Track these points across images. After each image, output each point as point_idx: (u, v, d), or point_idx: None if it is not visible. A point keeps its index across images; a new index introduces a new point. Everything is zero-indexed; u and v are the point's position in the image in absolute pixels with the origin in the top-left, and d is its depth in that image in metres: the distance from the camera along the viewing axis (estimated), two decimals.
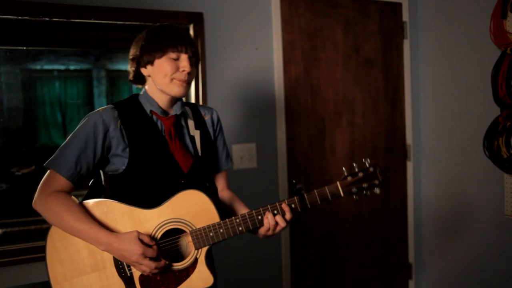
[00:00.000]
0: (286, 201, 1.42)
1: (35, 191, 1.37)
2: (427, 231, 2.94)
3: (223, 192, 1.61)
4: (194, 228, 1.35)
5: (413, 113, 2.92)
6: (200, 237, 1.35)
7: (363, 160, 1.44)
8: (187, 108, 1.54)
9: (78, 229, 1.28)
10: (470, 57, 2.52)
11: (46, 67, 2.56)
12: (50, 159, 1.36)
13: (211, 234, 1.35)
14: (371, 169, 1.43)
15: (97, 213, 1.33)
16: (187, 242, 1.37)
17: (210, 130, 1.55)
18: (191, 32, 2.37)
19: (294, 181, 1.45)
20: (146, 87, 1.45)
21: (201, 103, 2.38)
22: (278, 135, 2.58)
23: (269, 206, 1.39)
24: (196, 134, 1.49)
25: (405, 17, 2.86)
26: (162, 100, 1.43)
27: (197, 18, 2.36)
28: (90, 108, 2.77)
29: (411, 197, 2.94)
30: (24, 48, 2.37)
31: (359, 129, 2.79)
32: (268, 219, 1.38)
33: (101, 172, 1.45)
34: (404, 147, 2.93)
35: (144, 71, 1.42)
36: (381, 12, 2.81)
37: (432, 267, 2.92)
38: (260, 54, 2.53)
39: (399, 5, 2.85)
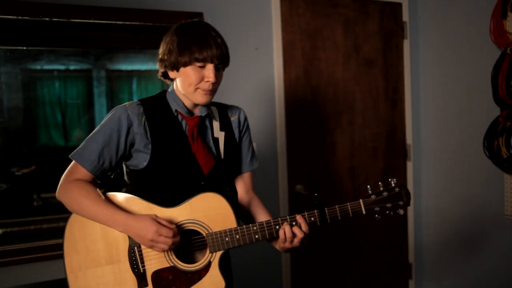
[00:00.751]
0: (306, 213, 1.40)
1: (35, 191, 1.37)
2: (427, 231, 2.94)
3: (246, 194, 1.58)
4: (211, 232, 1.34)
5: (413, 113, 2.92)
6: (215, 241, 1.34)
7: (389, 179, 1.44)
8: (214, 108, 1.52)
9: (96, 212, 1.30)
10: (470, 57, 2.52)
11: (46, 67, 2.56)
12: (75, 150, 1.37)
13: (226, 239, 1.34)
14: (397, 190, 1.42)
15: (117, 204, 1.34)
16: (202, 244, 1.36)
17: (236, 131, 1.53)
18: None
19: (316, 194, 1.43)
20: (174, 85, 1.44)
21: None
22: (278, 135, 2.58)
23: (288, 217, 1.38)
24: (221, 135, 1.48)
25: (405, 17, 2.86)
26: (187, 101, 1.42)
27: (197, 18, 2.35)
28: (90, 108, 2.77)
29: (410, 195, 2.93)
30: (24, 48, 2.37)
31: (359, 129, 2.79)
32: (285, 230, 1.36)
33: (123, 166, 1.45)
34: (404, 147, 2.93)
35: (171, 73, 1.41)
36: (381, 12, 2.81)
37: (432, 267, 2.92)
38: (260, 54, 2.53)
39: (399, 5, 2.85)
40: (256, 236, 1.36)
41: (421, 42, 2.88)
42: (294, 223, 1.38)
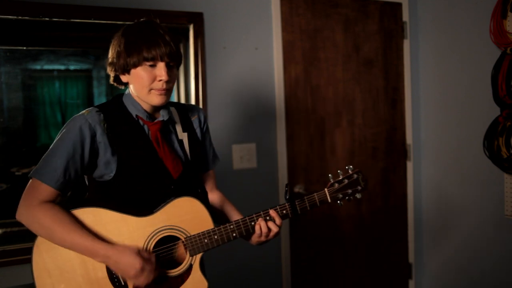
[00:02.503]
0: (278, 207, 1.43)
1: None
2: (427, 231, 2.94)
3: (212, 193, 1.58)
4: (189, 235, 1.34)
5: (413, 113, 2.92)
6: (195, 244, 1.34)
7: (346, 167, 1.53)
8: (173, 109, 1.48)
9: (72, 242, 1.22)
10: (470, 57, 2.52)
11: (46, 67, 2.56)
12: (35, 169, 1.28)
13: (205, 240, 1.35)
14: (355, 176, 1.51)
15: (88, 221, 1.28)
16: (181, 249, 1.35)
17: (198, 130, 1.51)
18: (191, 32, 2.37)
19: (286, 189, 1.47)
20: (130, 88, 1.38)
21: (200, 103, 2.38)
22: (278, 135, 2.58)
23: (261, 213, 1.42)
24: (184, 137, 1.45)
25: (405, 17, 2.86)
26: (146, 105, 1.37)
27: (197, 18, 2.36)
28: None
29: (411, 197, 2.94)
30: (24, 48, 2.37)
31: (359, 129, 2.79)
32: (260, 225, 1.40)
33: (85, 177, 1.40)
34: (404, 147, 2.93)
35: (123, 77, 1.36)
36: (381, 12, 2.81)
37: (432, 267, 2.92)
38: (260, 54, 2.53)
39: (399, 5, 2.85)
40: (234, 234, 1.38)
41: (421, 42, 2.88)
42: (268, 217, 1.41)
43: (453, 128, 2.68)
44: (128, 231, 1.30)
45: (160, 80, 1.29)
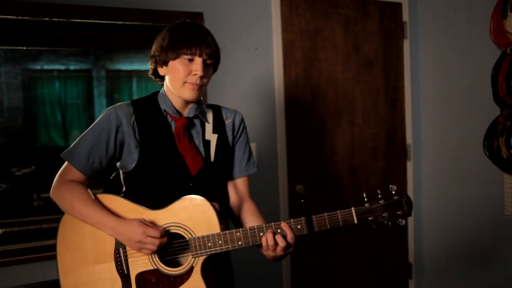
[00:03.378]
0: (292, 221, 1.32)
1: (35, 191, 1.38)
2: (427, 231, 2.94)
3: (239, 200, 1.52)
4: (194, 236, 1.32)
5: (413, 113, 2.92)
6: (198, 245, 1.32)
7: (390, 186, 1.33)
8: (209, 110, 1.49)
9: (87, 214, 1.31)
10: (470, 57, 2.52)
11: (46, 67, 2.56)
12: (66, 149, 1.39)
13: (209, 244, 1.31)
14: (395, 198, 1.31)
15: (108, 206, 1.35)
16: (185, 248, 1.35)
17: (229, 134, 1.49)
18: None
19: (302, 200, 1.37)
20: (165, 86, 1.44)
21: None
22: (278, 135, 2.58)
23: (273, 224, 1.32)
24: (213, 138, 1.45)
25: (405, 17, 2.86)
26: (176, 101, 1.41)
27: (197, 18, 2.36)
28: (90, 108, 2.77)
29: (411, 197, 2.93)
30: (24, 48, 2.37)
31: (359, 129, 2.79)
32: (267, 238, 1.30)
33: (120, 172, 1.46)
34: (404, 147, 2.93)
35: (160, 70, 1.41)
36: (381, 12, 2.81)
37: (432, 267, 2.92)
38: (260, 54, 2.53)
39: (399, 5, 2.85)
40: (239, 243, 1.31)
41: (421, 42, 2.88)
42: (279, 230, 1.32)
43: (453, 128, 2.68)
44: None
45: (195, 74, 1.33)
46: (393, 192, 1.32)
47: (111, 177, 1.50)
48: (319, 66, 2.66)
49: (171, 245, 1.35)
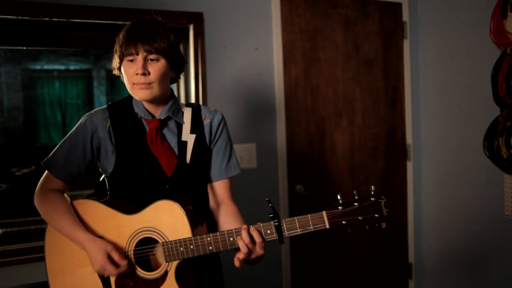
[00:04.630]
0: (261, 225, 1.24)
1: (34, 190, 1.40)
2: (427, 231, 2.94)
3: (219, 204, 1.47)
4: (166, 240, 1.30)
5: (413, 113, 2.92)
6: (170, 250, 1.29)
7: (370, 186, 1.22)
8: (188, 110, 1.46)
9: (60, 227, 1.33)
10: (470, 57, 2.52)
11: (46, 67, 2.56)
12: (45, 159, 1.41)
13: (181, 249, 1.28)
14: (372, 199, 1.19)
15: (82, 212, 1.37)
16: (159, 253, 1.34)
17: (207, 135, 1.45)
18: (191, 32, 2.37)
19: (270, 205, 1.24)
20: None
21: (201, 103, 2.38)
22: (278, 135, 2.58)
23: (243, 227, 1.24)
24: (190, 138, 1.41)
25: (405, 17, 2.86)
26: (147, 103, 1.39)
27: (197, 18, 2.36)
28: (90, 108, 2.77)
29: (411, 197, 2.94)
30: (24, 48, 2.37)
31: (359, 129, 2.79)
32: (242, 237, 1.22)
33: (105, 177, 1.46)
34: (404, 147, 2.93)
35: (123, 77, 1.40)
36: (381, 12, 2.81)
37: (432, 267, 2.92)
38: (260, 54, 2.53)
39: (399, 5, 2.85)
40: (210, 248, 1.26)
41: (421, 42, 2.88)
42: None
43: (453, 128, 2.68)
44: (114, 227, 1.34)
45: (137, 74, 1.29)
46: (372, 193, 1.21)
47: (100, 179, 1.49)
48: (319, 66, 2.66)
49: (146, 249, 1.34)
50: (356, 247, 2.82)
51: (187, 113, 1.46)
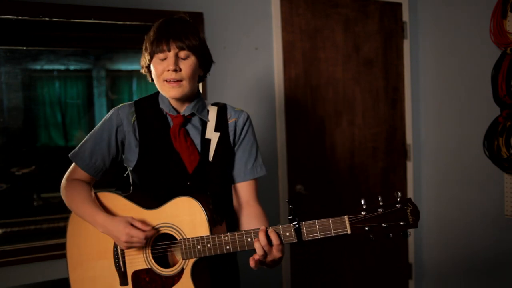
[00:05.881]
0: (280, 227, 1.22)
1: (35, 191, 1.41)
2: (427, 231, 2.94)
3: (243, 205, 1.45)
4: (184, 237, 1.30)
5: (413, 113, 2.92)
6: (187, 247, 1.29)
7: (395, 193, 1.15)
8: (213, 108, 1.46)
9: (82, 211, 1.35)
10: (470, 57, 2.52)
11: (46, 67, 2.56)
12: (73, 150, 1.44)
13: (198, 247, 1.28)
14: (398, 206, 1.14)
15: (105, 203, 1.39)
16: (176, 250, 1.34)
17: (231, 134, 1.44)
18: None
19: (290, 206, 1.21)
20: None
21: None
22: (278, 135, 2.58)
23: (261, 228, 1.23)
24: (214, 136, 1.41)
25: (405, 17, 2.86)
26: (172, 99, 1.41)
27: (197, 18, 2.36)
28: (90, 108, 2.77)
29: (411, 197, 2.93)
30: (24, 48, 2.37)
31: (359, 129, 2.79)
32: (259, 240, 1.20)
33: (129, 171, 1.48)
34: (404, 147, 2.93)
35: (152, 75, 1.41)
36: (381, 12, 2.81)
37: (432, 267, 2.92)
38: (260, 54, 2.53)
39: (399, 5, 2.85)
40: (227, 247, 1.25)
41: (421, 42, 2.88)
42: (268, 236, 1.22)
43: (453, 128, 2.68)
44: None
45: (168, 70, 1.31)
46: (398, 199, 1.15)
47: (124, 175, 1.52)
48: (319, 66, 2.66)
49: (164, 245, 1.34)
50: (356, 247, 2.82)
51: (213, 112, 1.46)
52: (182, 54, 1.32)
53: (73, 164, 1.43)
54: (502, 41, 2.24)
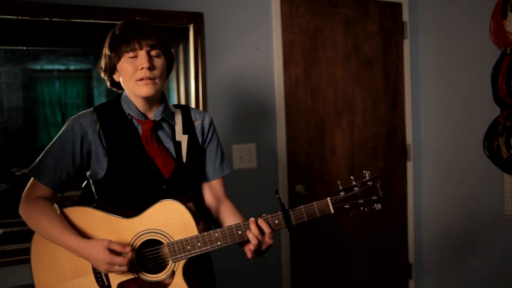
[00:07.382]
0: (269, 216, 1.29)
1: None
2: (427, 231, 2.94)
3: (216, 202, 1.50)
4: (172, 240, 1.29)
5: (413, 113, 2.92)
6: (177, 249, 1.29)
7: (364, 172, 1.29)
8: (177, 110, 1.47)
9: (52, 236, 1.28)
10: (470, 57, 2.52)
11: (46, 67, 2.56)
12: (31, 166, 1.35)
13: (188, 247, 1.28)
14: (370, 183, 1.28)
15: (76, 220, 1.32)
16: (164, 254, 1.32)
17: (199, 136, 1.47)
18: (191, 32, 2.37)
19: (278, 196, 1.31)
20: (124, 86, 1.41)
21: (200, 103, 2.39)
22: (278, 135, 2.58)
23: (251, 220, 1.29)
24: (184, 139, 1.42)
25: (405, 17, 2.86)
26: (139, 103, 1.37)
27: (197, 18, 2.36)
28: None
29: (411, 197, 2.94)
30: (24, 48, 2.37)
31: (359, 129, 2.79)
32: (251, 230, 1.26)
33: (90, 181, 1.42)
34: (404, 147, 2.93)
35: (115, 77, 1.38)
36: (381, 12, 2.81)
37: (432, 267, 2.92)
38: (260, 54, 2.53)
39: (399, 5, 2.85)
40: (218, 243, 1.29)
41: (421, 42, 2.88)
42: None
43: (453, 128, 2.68)
44: (113, 232, 1.31)
45: (142, 68, 1.29)
46: (367, 178, 1.28)
47: (82, 186, 1.47)
48: (319, 66, 2.66)
49: (150, 252, 1.33)
50: (356, 247, 2.82)
51: (178, 115, 1.46)
52: (154, 52, 1.31)
53: (32, 180, 1.34)
54: (502, 41, 2.24)
